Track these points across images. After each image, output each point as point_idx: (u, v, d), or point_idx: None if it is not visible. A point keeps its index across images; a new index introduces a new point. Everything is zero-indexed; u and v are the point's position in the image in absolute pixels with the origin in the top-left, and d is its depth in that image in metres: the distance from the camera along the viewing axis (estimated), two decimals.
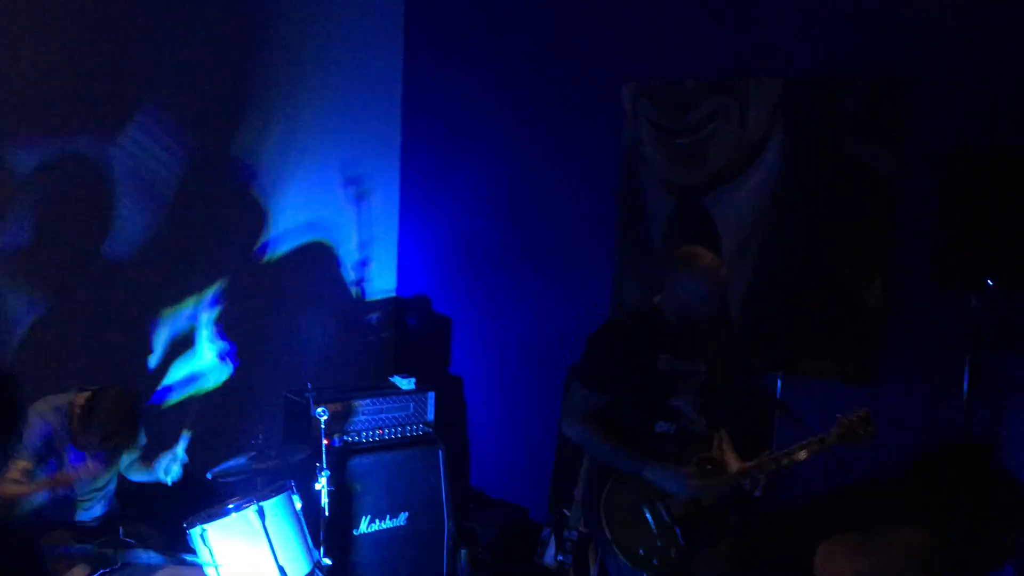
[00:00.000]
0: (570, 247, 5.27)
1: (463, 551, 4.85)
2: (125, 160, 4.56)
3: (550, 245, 5.35)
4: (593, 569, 4.15)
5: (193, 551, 3.36)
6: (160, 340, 4.76)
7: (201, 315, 4.90)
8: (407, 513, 4.58)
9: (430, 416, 4.80)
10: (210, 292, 4.94)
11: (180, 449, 3.68)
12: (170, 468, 3.67)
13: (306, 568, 3.62)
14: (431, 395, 4.81)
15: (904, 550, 2.20)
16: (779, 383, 4.35)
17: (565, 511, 4.73)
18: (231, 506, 3.47)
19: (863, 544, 2.25)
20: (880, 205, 4.30)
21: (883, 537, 2.25)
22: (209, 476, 3.72)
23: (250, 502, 3.49)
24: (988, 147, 3.90)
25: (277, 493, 3.62)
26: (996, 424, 4.12)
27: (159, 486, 3.93)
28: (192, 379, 4.88)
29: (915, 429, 4.29)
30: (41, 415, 3.53)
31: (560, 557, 4.70)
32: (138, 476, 3.91)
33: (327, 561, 3.75)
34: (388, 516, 4.52)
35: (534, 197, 5.40)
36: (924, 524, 2.25)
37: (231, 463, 3.78)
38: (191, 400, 4.78)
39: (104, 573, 2.96)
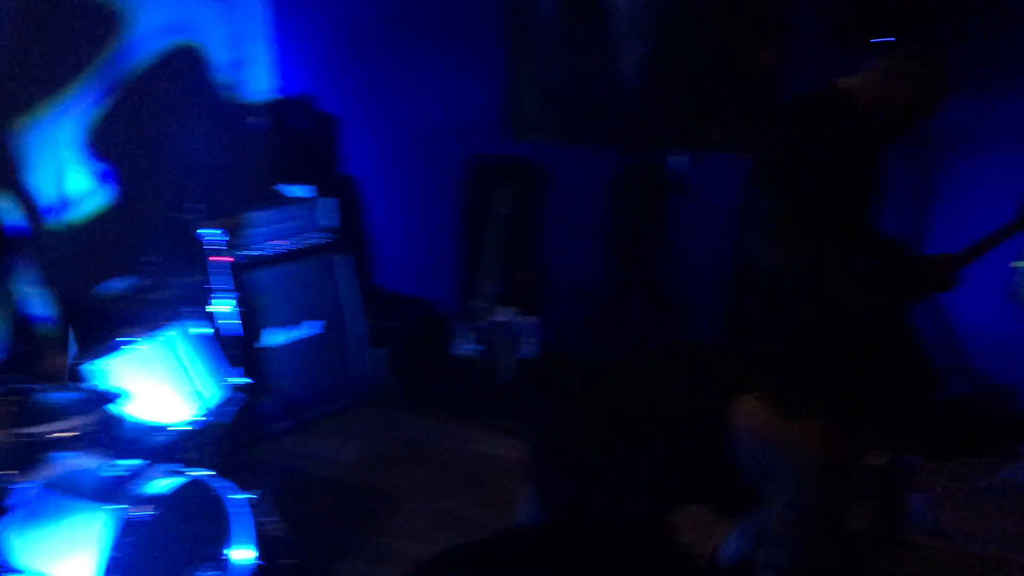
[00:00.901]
0: (457, 30, 4.99)
1: (378, 351, 4.88)
2: None
3: (436, 29, 5.05)
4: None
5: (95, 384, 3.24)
6: (23, 164, 4.40)
7: (62, 135, 4.51)
8: (316, 320, 4.53)
9: (332, 222, 4.66)
10: (67, 109, 4.52)
11: None
12: None
13: (223, 391, 3.56)
14: (332, 201, 4.66)
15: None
16: (681, 159, 4.32)
17: (472, 302, 4.76)
18: (132, 337, 3.32)
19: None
20: None
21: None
22: (98, 291, 3.56)
23: (151, 331, 3.36)
24: None
25: (179, 320, 3.48)
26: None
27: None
28: (68, 205, 4.57)
29: None
30: None
31: (472, 346, 4.77)
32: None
33: (245, 380, 3.69)
34: (299, 326, 4.47)
35: None
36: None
37: (119, 283, 3.61)
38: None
39: None
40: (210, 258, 3.79)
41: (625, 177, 4.58)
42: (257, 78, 5.35)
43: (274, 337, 4.37)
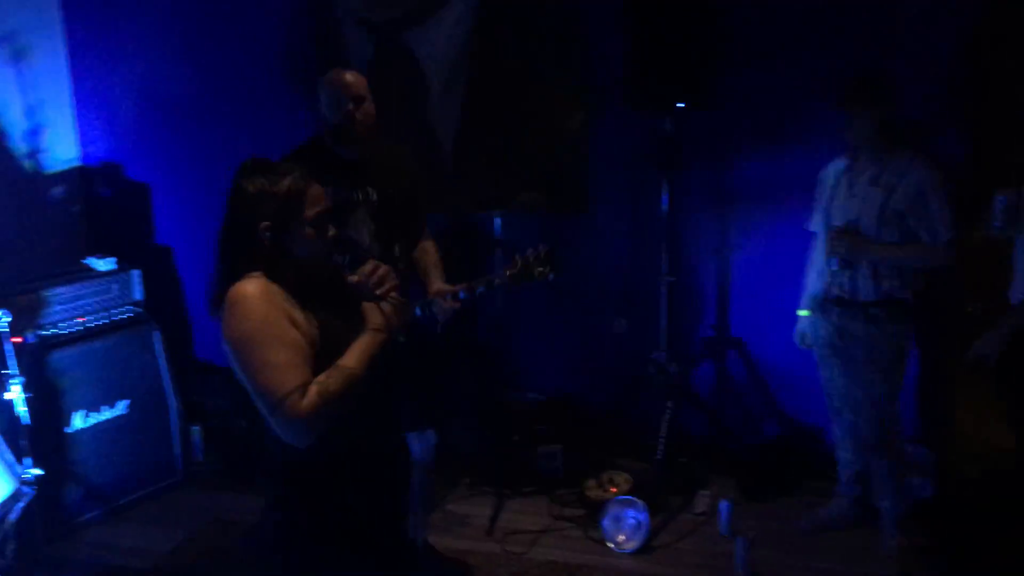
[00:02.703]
0: (266, 95, 4.90)
1: (194, 428, 4.66)
2: None
3: (244, 94, 4.94)
4: None
5: None
6: None
7: None
8: (126, 400, 4.29)
9: (138, 296, 4.44)
10: None
11: None
12: None
13: (10, 487, 3.30)
14: (136, 273, 4.44)
15: None
16: (497, 220, 4.38)
17: None
18: None
19: None
20: (573, 33, 4.32)
21: None
22: None
23: None
24: None
25: None
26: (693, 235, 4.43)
27: None
28: None
29: (623, 250, 4.53)
30: None
31: None
32: None
33: (36, 472, 3.43)
34: (104, 407, 4.21)
35: (220, 41, 4.92)
36: None
37: None
38: None
39: None
40: (3, 340, 3.54)
41: (442, 238, 4.61)
42: (58, 145, 5.08)
43: (77, 421, 4.10)
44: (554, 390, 4.65)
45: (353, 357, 2.07)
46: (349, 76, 3.50)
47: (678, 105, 3.95)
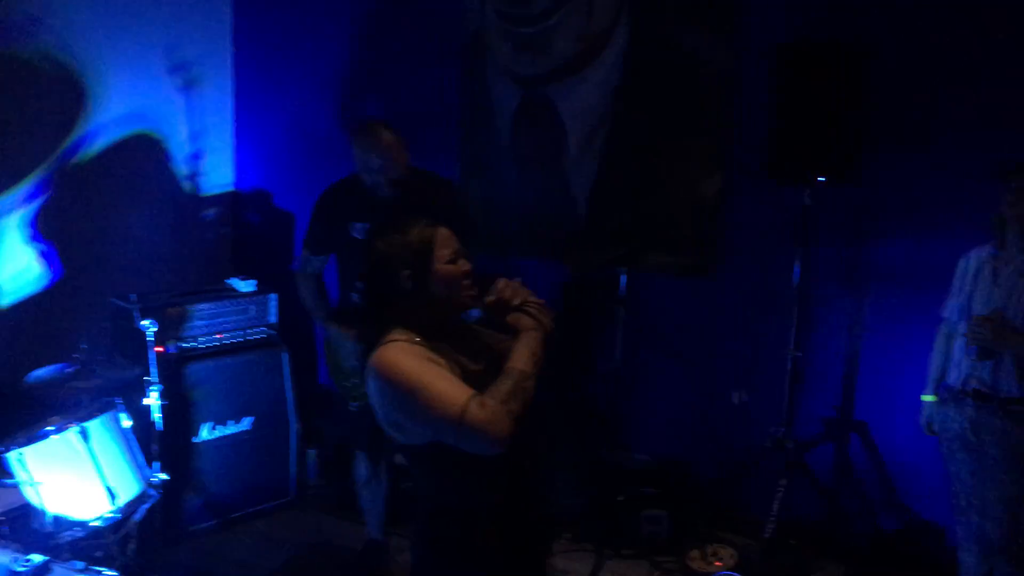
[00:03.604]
0: (413, 137, 5.05)
1: (311, 451, 4.81)
2: None
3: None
4: None
5: (10, 474, 3.17)
6: None
7: (12, 214, 4.52)
8: (251, 417, 4.47)
9: (273, 318, 4.65)
10: (21, 189, 4.54)
11: None
12: None
13: (137, 488, 3.48)
14: (273, 297, 4.65)
15: None
16: (623, 278, 4.39)
17: None
18: (51, 427, 3.26)
19: None
20: (719, 98, 4.32)
21: None
22: (28, 379, 3.50)
23: (72, 422, 3.30)
24: (818, 40, 3.94)
25: (101, 412, 3.43)
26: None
27: None
28: (10, 285, 4.53)
29: (749, 320, 4.46)
30: None
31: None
32: None
33: (162, 476, 3.62)
34: (230, 421, 4.40)
35: (376, 84, 5.17)
36: None
37: (47, 370, 3.55)
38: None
39: None
40: (149, 349, 3.76)
41: (567, 290, 4.66)
42: (216, 170, 5.41)
43: (204, 432, 4.30)
44: (665, 454, 4.59)
45: (517, 358, 2.14)
46: (378, 136, 3.67)
47: (819, 179, 3.89)
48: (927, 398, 3.63)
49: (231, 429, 4.40)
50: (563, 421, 4.55)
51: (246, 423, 4.45)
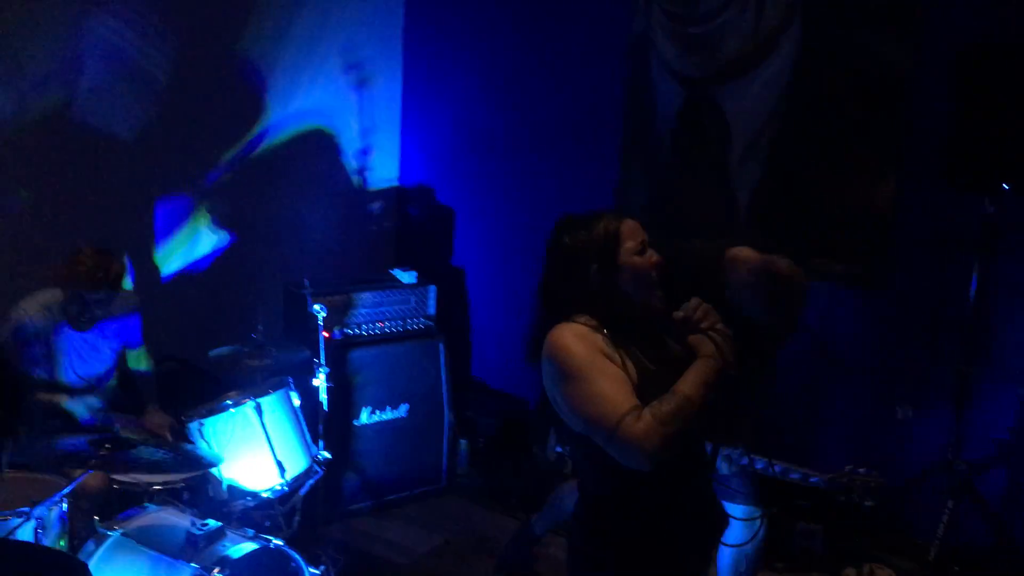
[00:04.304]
0: (574, 137, 5.13)
1: (463, 441, 4.92)
2: (106, 36, 4.35)
3: (554, 134, 5.20)
4: None
5: (192, 442, 3.39)
6: (159, 229, 4.71)
7: (199, 204, 4.83)
8: (407, 405, 4.61)
9: (431, 310, 4.78)
10: (207, 180, 4.85)
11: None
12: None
13: (304, 463, 3.66)
14: (432, 288, 4.78)
15: None
16: None
17: None
18: (229, 401, 3.47)
19: None
20: (894, 102, 4.14)
21: None
22: (211, 355, 3.74)
23: (248, 398, 3.50)
24: (1004, 42, 3.73)
25: (275, 389, 3.62)
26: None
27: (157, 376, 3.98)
28: (192, 268, 4.85)
29: (918, 333, 4.27)
30: (25, 311, 3.52)
31: (559, 449, 4.74)
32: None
33: (326, 455, 3.79)
34: (388, 407, 4.56)
35: (540, 84, 5.23)
36: None
37: (227, 349, 3.78)
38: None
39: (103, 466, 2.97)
40: (316, 333, 3.95)
41: None
42: (382, 165, 5.61)
43: (364, 416, 4.47)
44: (824, 467, 4.44)
45: (688, 383, 2.08)
46: None
47: (1003, 186, 3.68)
48: None
49: (389, 415, 4.55)
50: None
51: (403, 410, 4.59)
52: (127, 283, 3.96)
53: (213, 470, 3.32)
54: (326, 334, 4.10)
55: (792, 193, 4.44)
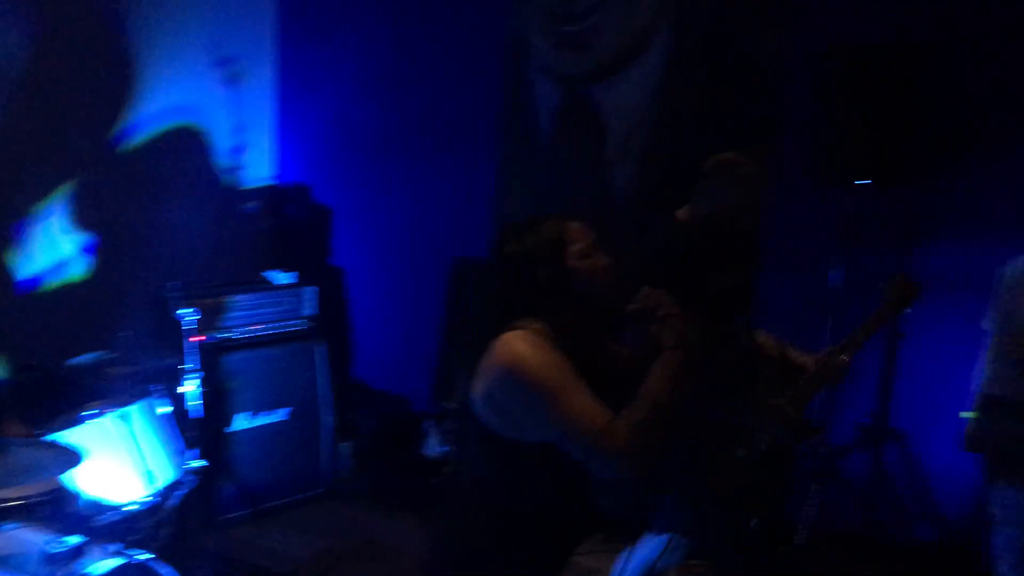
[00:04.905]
0: (454, 135, 5.12)
1: (344, 444, 4.84)
2: None
3: (434, 132, 5.18)
4: None
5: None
6: (14, 232, 4.46)
7: (58, 205, 4.60)
8: (286, 408, 4.51)
9: (310, 311, 4.69)
10: (66, 179, 4.61)
11: None
12: None
13: (174, 473, 3.53)
14: (310, 289, 4.69)
15: None
16: None
17: (446, 403, 4.74)
18: (91, 412, 3.31)
19: None
20: (764, 97, 4.28)
21: None
22: (69, 364, 3.57)
23: (111, 407, 3.34)
24: (866, 43, 3.89)
25: (140, 398, 3.48)
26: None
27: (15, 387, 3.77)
28: (52, 272, 4.61)
29: (787, 323, 4.42)
30: None
31: (442, 448, 4.73)
32: None
33: (198, 463, 3.66)
34: (266, 412, 4.45)
35: (418, 81, 5.20)
36: None
37: (88, 357, 3.62)
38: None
39: None
40: (185, 338, 3.81)
41: None
42: (256, 164, 5.46)
43: (240, 421, 4.34)
44: None
45: (655, 382, 2.05)
46: None
47: (863, 182, 3.85)
48: (969, 415, 3.56)
49: (266, 419, 4.44)
50: None
51: (281, 414, 4.49)
52: None
53: (76, 483, 3.16)
54: (198, 338, 3.98)
55: (668, 191, 4.53)
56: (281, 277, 4.64)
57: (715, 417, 2.60)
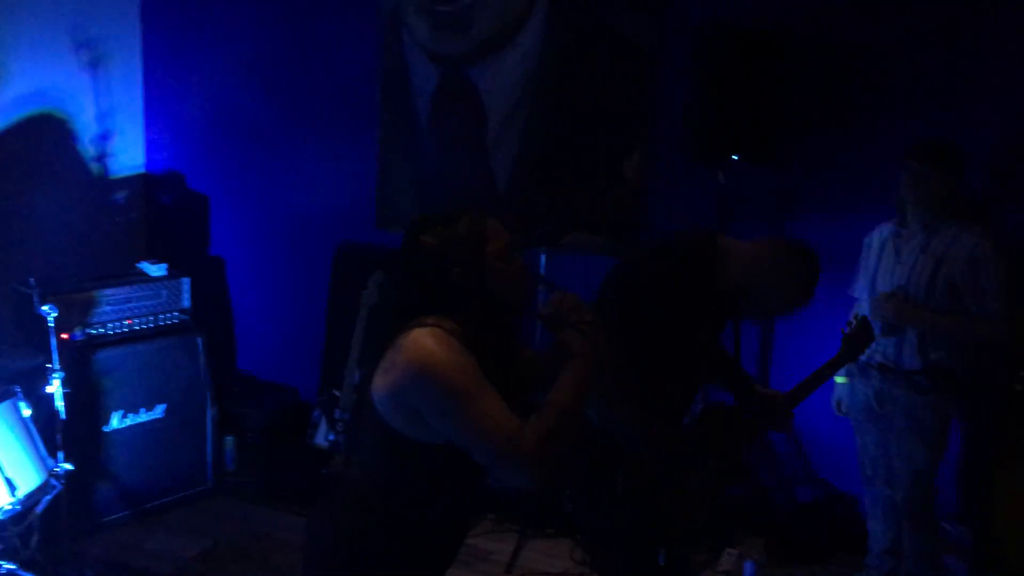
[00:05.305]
0: (333, 118, 5.01)
1: (229, 438, 4.71)
2: None
3: (311, 116, 5.06)
4: None
5: None
6: None
7: None
8: (164, 405, 4.35)
9: (186, 303, 4.53)
10: None
11: None
12: None
13: (39, 478, 3.37)
14: (186, 281, 4.53)
15: None
16: (543, 258, 4.38)
17: (335, 392, 4.65)
18: None
19: None
20: (641, 78, 4.33)
21: None
22: None
23: None
24: (739, 26, 3.97)
25: (2, 400, 3.30)
26: None
27: None
28: None
29: None
30: None
31: (331, 437, 4.64)
32: None
33: (66, 466, 3.50)
34: (142, 409, 4.28)
35: (294, 63, 5.05)
36: None
37: None
38: None
39: None
40: (51, 336, 3.63)
41: None
42: (126, 151, 5.24)
43: (114, 421, 4.17)
44: None
45: (562, 390, 2.01)
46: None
47: (733, 158, 3.93)
48: (839, 379, 3.69)
49: (143, 417, 4.28)
50: None
51: (159, 411, 4.33)
52: None
53: None
54: (63, 336, 3.79)
55: (548, 170, 4.55)
56: (153, 269, 4.47)
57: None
